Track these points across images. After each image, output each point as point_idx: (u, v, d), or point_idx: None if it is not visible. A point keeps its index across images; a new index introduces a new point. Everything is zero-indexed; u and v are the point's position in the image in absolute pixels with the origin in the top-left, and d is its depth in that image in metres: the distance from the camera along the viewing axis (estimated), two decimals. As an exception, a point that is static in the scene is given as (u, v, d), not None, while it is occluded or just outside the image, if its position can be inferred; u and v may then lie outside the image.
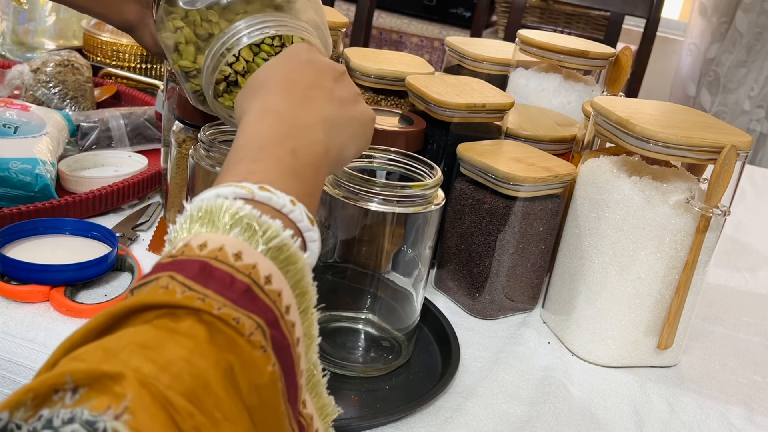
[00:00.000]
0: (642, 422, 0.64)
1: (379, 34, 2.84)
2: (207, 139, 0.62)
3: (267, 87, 0.50)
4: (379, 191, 0.58)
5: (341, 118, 0.52)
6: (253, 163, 0.43)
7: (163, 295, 0.33)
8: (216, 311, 0.33)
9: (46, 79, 1.01)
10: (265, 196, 0.40)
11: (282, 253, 0.38)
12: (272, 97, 0.48)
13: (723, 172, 0.63)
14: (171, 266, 0.35)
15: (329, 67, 0.54)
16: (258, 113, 0.47)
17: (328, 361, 0.63)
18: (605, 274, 0.69)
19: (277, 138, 0.45)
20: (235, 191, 0.39)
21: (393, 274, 0.65)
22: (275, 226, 0.38)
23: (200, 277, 0.34)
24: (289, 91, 0.49)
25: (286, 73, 0.51)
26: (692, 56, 2.82)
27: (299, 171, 0.44)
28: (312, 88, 0.51)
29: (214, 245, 0.36)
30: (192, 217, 0.39)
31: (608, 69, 0.97)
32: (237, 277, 0.35)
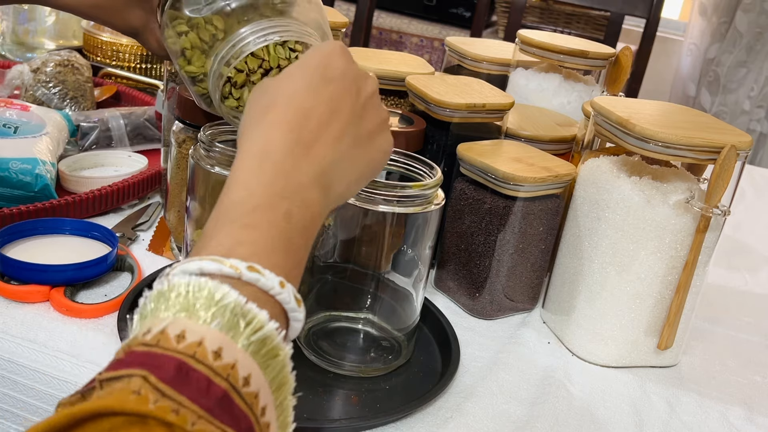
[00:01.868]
0: (642, 422, 0.64)
1: (379, 34, 2.84)
2: (207, 139, 0.62)
3: (275, 113, 0.45)
4: (379, 191, 0.58)
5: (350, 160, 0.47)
6: (242, 231, 0.40)
7: (134, 402, 0.30)
8: (189, 427, 0.30)
9: (46, 79, 1.01)
10: (254, 277, 0.37)
11: (264, 347, 0.36)
12: (275, 135, 0.44)
13: (723, 172, 0.63)
14: (145, 361, 0.32)
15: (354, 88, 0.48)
16: (256, 159, 0.43)
17: (328, 361, 0.63)
18: (605, 274, 0.69)
19: (272, 198, 0.41)
20: (222, 269, 0.37)
21: (393, 274, 0.65)
22: (261, 317, 0.36)
23: (176, 381, 0.32)
24: (297, 128, 0.44)
25: (301, 98, 0.45)
26: (692, 56, 2.82)
27: (291, 239, 0.41)
28: (325, 123, 0.45)
29: (193, 338, 0.34)
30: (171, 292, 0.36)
31: (608, 69, 0.97)
32: (214, 381, 0.33)
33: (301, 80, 0.46)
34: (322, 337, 0.65)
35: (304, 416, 0.57)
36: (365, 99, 0.48)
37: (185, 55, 0.60)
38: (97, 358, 0.60)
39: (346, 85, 0.47)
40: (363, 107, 0.48)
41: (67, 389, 0.59)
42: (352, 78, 0.48)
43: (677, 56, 2.93)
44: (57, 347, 0.60)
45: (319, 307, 0.66)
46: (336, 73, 0.47)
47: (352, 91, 0.47)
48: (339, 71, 0.47)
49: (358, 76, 0.48)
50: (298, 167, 0.43)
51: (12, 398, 0.61)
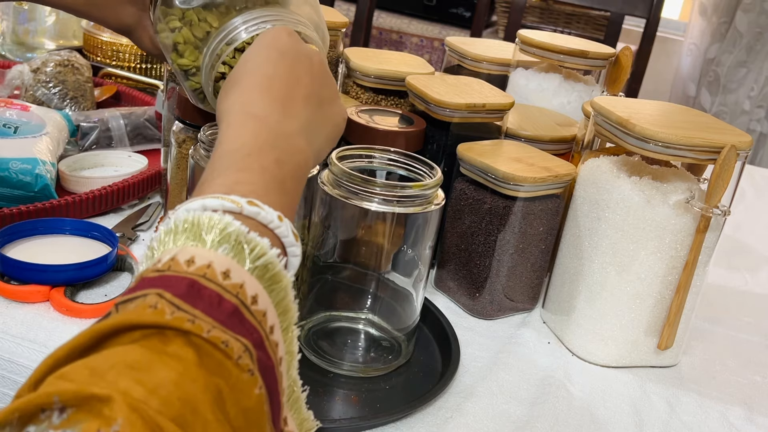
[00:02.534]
0: (642, 422, 0.64)
1: (379, 34, 2.84)
2: (207, 139, 0.62)
3: (244, 83, 0.50)
4: (379, 191, 0.58)
5: (319, 121, 0.52)
6: (239, 173, 0.42)
7: (151, 315, 0.32)
8: (205, 334, 0.32)
9: (46, 79, 1.01)
10: (254, 210, 0.40)
11: (268, 272, 0.38)
12: (251, 97, 0.48)
13: (723, 172, 0.63)
14: (158, 282, 0.34)
15: (306, 59, 0.53)
16: (239, 117, 0.47)
17: (328, 361, 0.63)
18: (605, 274, 0.69)
19: (262, 146, 0.45)
20: (224, 204, 0.39)
21: (393, 274, 0.65)
22: (263, 244, 0.38)
23: (189, 296, 0.33)
24: (267, 89, 0.49)
25: (262, 67, 0.51)
26: (692, 56, 2.82)
27: (284, 182, 0.44)
28: (290, 86, 0.50)
29: (201, 262, 0.35)
30: (177, 228, 0.38)
31: (608, 69, 0.97)
32: (225, 297, 0.34)
33: (258, 56, 0.51)
34: (322, 337, 0.65)
35: (304, 416, 0.57)
36: (317, 68, 0.53)
37: (177, 50, 0.60)
38: (97, 358, 0.60)
39: (298, 56, 0.52)
40: (318, 75, 0.53)
41: (67, 389, 0.58)
42: (301, 51, 0.53)
43: (677, 56, 2.93)
44: (57, 347, 0.60)
45: (319, 307, 0.66)
46: (287, 47, 0.52)
47: (304, 62, 0.52)
48: (288, 46, 0.52)
49: (305, 50, 0.54)
50: (281, 121, 0.47)
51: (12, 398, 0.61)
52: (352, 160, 0.63)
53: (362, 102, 0.86)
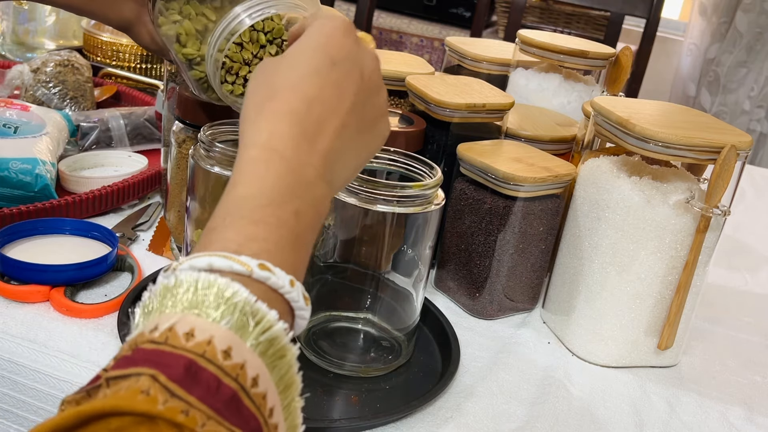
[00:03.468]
0: (642, 422, 0.64)
1: (379, 34, 2.84)
2: (207, 139, 0.62)
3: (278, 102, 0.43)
4: (379, 191, 0.58)
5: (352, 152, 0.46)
6: (252, 226, 0.39)
7: (143, 402, 0.30)
8: (199, 428, 0.30)
9: (46, 79, 1.01)
10: (264, 275, 0.37)
11: (272, 347, 0.36)
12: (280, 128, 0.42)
13: (723, 172, 0.63)
14: (154, 358, 0.32)
15: (358, 70, 0.46)
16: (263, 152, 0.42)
17: (328, 361, 0.63)
18: (605, 274, 0.69)
19: (282, 195, 0.41)
20: (232, 266, 0.36)
21: (393, 274, 0.65)
22: (270, 316, 0.36)
23: (185, 381, 0.31)
24: (300, 120, 0.43)
25: (305, 85, 0.44)
26: (692, 56, 2.82)
27: (299, 236, 0.41)
28: (328, 112, 0.44)
29: (202, 337, 0.33)
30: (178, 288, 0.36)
31: (608, 69, 0.97)
32: (224, 381, 0.32)
33: (305, 65, 0.44)
34: (322, 337, 0.65)
35: (304, 416, 0.57)
36: (369, 81, 0.47)
37: (180, 41, 0.61)
38: (97, 358, 0.60)
39: (350, 67, 0.45)
40: (367, 91, 0.47)
41: (67, 389, 0.59)
42: (356, 58, 0.46)
43: (677, 56, 2.93)
44: (57, 347, 0.60)
45: (319, 307, 0.66)
46: (341, 55, 0.45)
47: (355, 73, 0.46)
48: (344, 52, 0.45)
49: (362, 56, 0.47)
50: (306, 162, 0.42)
51: (12, 398, 0.61)
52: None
53: (362, 102, 0.86)
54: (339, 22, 0.46)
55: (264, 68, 0.46)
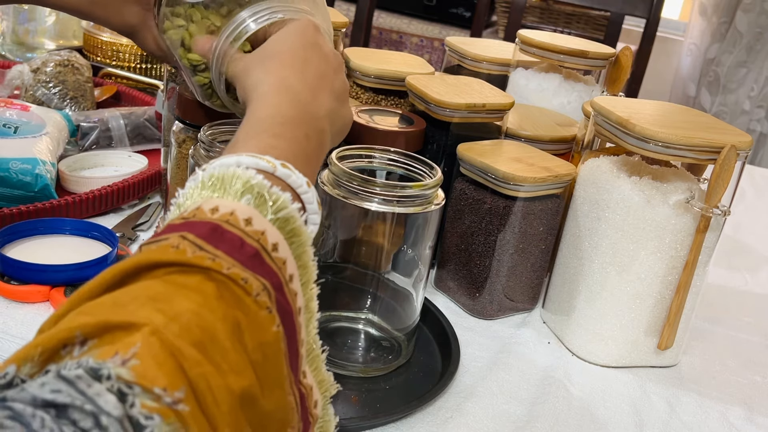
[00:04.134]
0: (642, 422, 0.64)
1: (379, 34, 2.84)
2: (207, 139, 0.62)
3: (280, 58, 0.52)
4: (379, 191, 0.58)
5: (336, 113, 0.54)
6: (273, 138, 0.44)
7: (173, 253, 0.33)
8: (225, 270, 0.33)
9: (46, 79, 1.00)
10: (285, 173, 0.42)
11: (288, 225, 0.39)
12: (287, 72, 0.51)
13: (723, 172, 0.63)
14: (182, 227, 0.35)
15: (332, 55, 0.55)
16: (276, 86, 0.49)
17: (328, 362, 0.63)
18: (605, 274, 0.69)
19: (294, 118, 0.47)
20: (258, 163, 0.41)
21: (393, 274, 0.65)
22: (284, 197, 0.39)
23: (211, 238, 0.35)
24: (302, 70, 0.51)
25: (299, 49, 0.53)
26: (692, 56, 2.82)
27: (309, 156, 0.46)
28: (320, 75, 0.52)
29: (225, 210, 0.37)
30: (204, 183, 0.40)
31: (608, 69, 0.97)
32: (246, 240, 0.36)
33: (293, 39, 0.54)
34: (322, 337, 0.65)
35: (304, 416, 0.57)
36: (338, 65, 0.56)
37: (185, 46, 0.60)
38: (97, 358, 0.60)
39: (326, 50, 0.55)
40: (338, 72, 0.55)
41: (67, 389, 0.58)
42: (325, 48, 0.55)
43: (677, 56, 2.93)
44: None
45: (319, 307, 0.65)
46: (315, 41, 0.55)
47: (330, 55, 0.55)
48: (316, 40, 0.55)
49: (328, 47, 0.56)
50: (310, 101, 0.50)
51: (12, 398, 0.61)
52: (352, 160, 0.63)
53: (362, 102, 0.86)
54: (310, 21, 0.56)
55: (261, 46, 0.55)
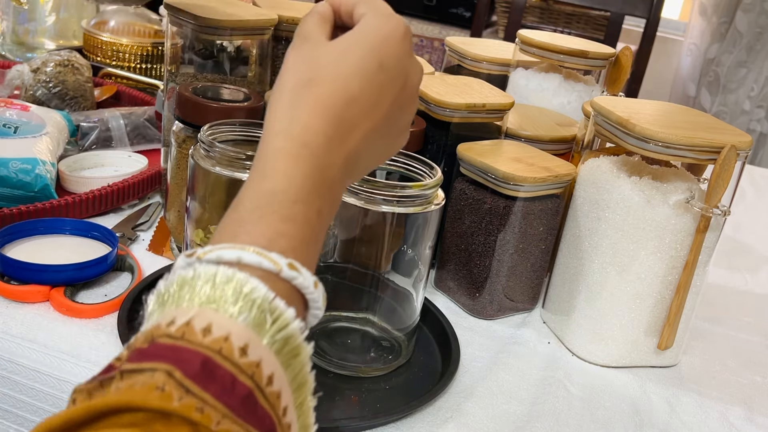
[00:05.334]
0: (642, 422, 0.64)
1: (379, 34, 2.83)
2: (207, 139, 0.62)
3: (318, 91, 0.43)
4: (379, 191, 0.58)
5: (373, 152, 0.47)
6: (283, 223, 0.39)
7: (158, 398, 0.30)
8: (214, 426, 0.30)
9: (46, 79, 1.00)
10: (292, 275, 0.37)
11: (288, 345, 0.36)
12: (316, 122, 0.42)
13: (723, 172, 0.63)
14: (170, 354, 0.32)
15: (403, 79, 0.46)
16: (295, 145, 0.41)
17: (328, 361, 0.63)
18: (605, 274, 0.69)
19: (310, 193, 0.41)
20: (262, 263, 0.36)
21: (393, 274, 0.65)
22: (287, 314, 0.36)
23: (201, 377, 0.31)
24: (338, 116, 0.43)
25: (350, 83, 0.43)
26: (692, 56, 2.82)
27: (318, 235, 0.42)
28: (364, 114, 0.44)
29: (219, 333, 0.33)
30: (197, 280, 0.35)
31: (608, 69, 0.97)
32: (239, 379, 0.32)
33: (354, 62, 0.44)
34: (322, 337, 0.65)
35: (304, 416, 0.57)
36: (408, 92, 0.47)
37: None
38: (97, 358, 0.60)
39: (395, 74, 0.45)
40: (402, 102, 0.47)
41: (67, 389, 0.59)
42: (403, 67, 0.46)
43: (677, 56, 2.93)
44: (57, 347, 0.60)
45: (319, 307, 0.66)
46: (391, 61, 0.45)
47: (399, 82, 0.46)
48: (395, 59, 0.45)
49: (409, 66, 0.47)
50: (333, 162, 0.42)
51: (12, 398, 0.61)
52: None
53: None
54: (399, 27, 0.46)
55: (311, 46, 0.45)
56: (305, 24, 0.47)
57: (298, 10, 0.87)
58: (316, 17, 0.47)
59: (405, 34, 0.46)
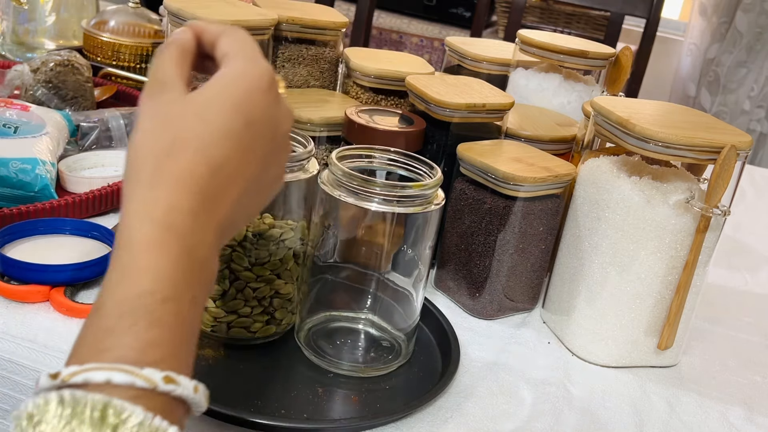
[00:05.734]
0: (642, 422, 0.64)
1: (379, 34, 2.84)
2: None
3: (181, 160, 0.38)
4: (379, 191, 0.58)
5: (247, 210, 0.43)
6: (152, 329, 0.35)
7: None
8: None
9: (46, 79, 1.00)
10: (169, 388, 0.34)
11: None
12: (181, 198, 0.37)
13: (723, 172, 0.63)
14: None
15: (271, 131, 0.42)
16: (160, 234, 0.37)
17: (328, 361, 0.63)
18: (605, 274, 0.69)
19: (179, 287, 0.37)
20: (134, 383, 0.33)
21: (393, 274, 0.65)
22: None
23: None
24: (205, 186, 0.38)
25: (215, 145, 0.39)
26: (692, 56, 2.82)
27: (194, 325, 0.38)
28: (235, 175, 0.40)
29: None
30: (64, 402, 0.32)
31: (608, 69, 0.97)
32: None
33: (218, 123, 0.39)
34: (322, 337, 0.65)
35: (304, 416, 0.57)
36: (279, 142, 0.44)
37: None
38: (97, 358, 0.60)
39: (264, 128, 0.42)
40: (274, 153, 0.43)
41: (67, 389, 0.58)
42: (271, 118, 0.42)
43: (677, 56, 2.93)
44: (57, 347, 0.60)
45: (319, 307, 0.66)
46: (257, 115, 0.41)
47: (268, 135, 0.42)
48: (261, 112, 0.41)
49: (278, 115, 0.43)
50: (203, 240, 0.39)
51: (12, 398, 0.61)
52: (352, 160, 0.63)
53: (362, 102, 0.86)
54: (264, 75, 0.42)
55: (169, 98, 0.40)
56: (162, 63, 0.42)
57: (298, 10, 0.87)
58: (175, 53, 0.43)
59: (271, 82, 0.42)
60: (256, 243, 0.61)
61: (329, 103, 0.83)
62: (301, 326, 0.65)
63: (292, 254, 0.63)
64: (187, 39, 0.44)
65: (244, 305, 0.62)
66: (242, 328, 0.63)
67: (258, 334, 0.64)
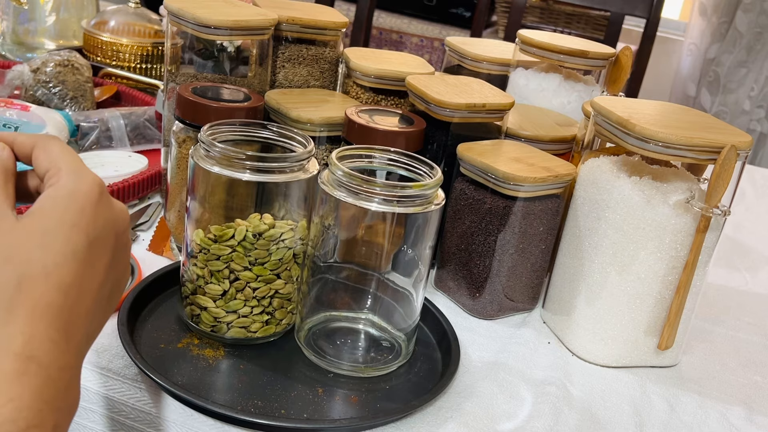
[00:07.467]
0: (642, 422, 0.64)
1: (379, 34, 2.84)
2: (207, 139, 0.62)
3: (33, 293, 0.37)
4: (379, 191, 0.58)
5: (101, 319, 0.43)
6: None
7: None
8: None
9: (46, 79, 1.01)
10: None
11: None
12: (38, 329, 0.37)
13: (723, 172, 0.63)
14: None
15: (112, 238, 0.42)
16: (20, 365, 0.36)
17: (328, 361, 0.63)
18: (605, 274, 0.69)
19: (41, 415, 0.36)
20: None
21: (393, 274, 0.65)
22: None
23: None
24: (60, 312, 0.38)
25: (63, 271, 0.39)
26: (692, 56, 2.83)
27: None
28: (86, 293, 0.40)
29: None
30: None
31: (608, 69, 0.97)
32: None
33: (62, 247, 0.39)
34: (322, 337, 0.65)
35: (304, 416, 0.57)
36: (121, 244, 0.44)
37: None
38: (97, 359, 0.60)
39: (104, 238, 0.42)
40: (116, 255, 0.43)
41: (67, 389, 0.58)
42: (108, 223, 0.42)
43: (677, 56, 2.93)
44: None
45: (319, 307, 0.66)
46: (97, 228, 0.41)
47: (109, 243, 0.42)
48: (99, 225, 0.41)
49: (114, 219, 0.43)
50: (63, 364, 0.38)
51: None
52: (352, 160, 0.63)
53: (362, 102, 0.86)
54: (92, 188, 0.42)
55: (3, 237, 0.39)
56: None
57: (298, 10, 0.87)
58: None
59: (101, 191, 0.42)
60: (256, 243, 0.61)
61: (329, 103, 0.83)
62: (301, 326, 0.65)
63: (291, 254, 0.63)
64: (6, 158, 0.44)
65: (244, 305, 0.62)
66: (242, 328, 0.63)
67: (258, 334, 0.64)
